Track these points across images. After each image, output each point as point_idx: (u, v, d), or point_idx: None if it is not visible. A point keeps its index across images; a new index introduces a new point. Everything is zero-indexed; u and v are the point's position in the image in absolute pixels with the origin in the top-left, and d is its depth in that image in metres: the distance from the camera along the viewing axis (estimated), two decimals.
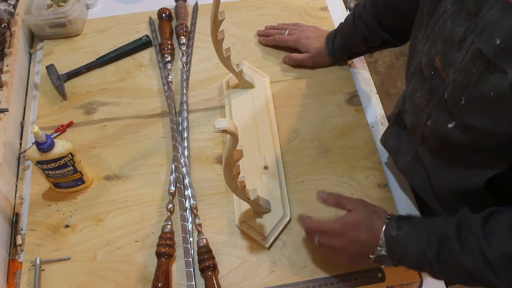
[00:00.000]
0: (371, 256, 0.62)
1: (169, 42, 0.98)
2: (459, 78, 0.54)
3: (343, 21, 0.90)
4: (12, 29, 0.94)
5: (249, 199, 0.70)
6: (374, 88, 0.95)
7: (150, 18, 1.05)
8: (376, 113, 0.91)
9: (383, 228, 0.61)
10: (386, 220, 0.61)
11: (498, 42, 0.47)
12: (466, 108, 0.54)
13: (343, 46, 0.91)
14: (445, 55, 0.56)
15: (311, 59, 0.94)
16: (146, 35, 1.00)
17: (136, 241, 0.75)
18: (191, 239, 0.75)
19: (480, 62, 0.50)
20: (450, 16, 0.55)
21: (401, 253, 0.60)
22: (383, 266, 0.63)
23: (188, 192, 0.79)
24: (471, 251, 0.53)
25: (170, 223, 0.75)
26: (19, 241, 0.76)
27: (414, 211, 0.79)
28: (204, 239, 0.73)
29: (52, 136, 0.77)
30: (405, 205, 0.79)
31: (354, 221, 0.63)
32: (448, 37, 0.55)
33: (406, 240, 0.59)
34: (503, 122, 0.51)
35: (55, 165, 0.73)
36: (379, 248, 0.60)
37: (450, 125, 0.58)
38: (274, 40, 0.98)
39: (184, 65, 0.96)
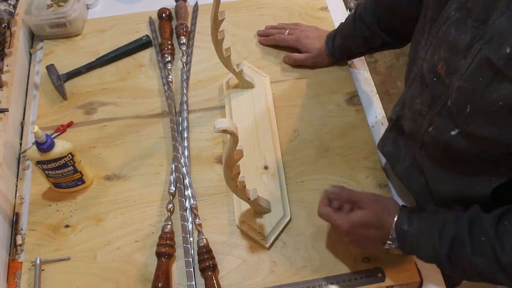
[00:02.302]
0: (382, 246, 0.64)
1: (169, 42, 0.98)
2: (465, 85, 0.53)
3: (343, 21, 0.90)
4: (12, 29, 0.94)
5: (249, 199, 0.70)
6: (374, 88, 0.95)
7: (150, 18, 1.05)
8: (376, 113, 0.91)
9: (394, 222, 0.62)
10: (397, 215, 0.62)
11: (508, 50, 0.47)
12: (472, 116, 0.54)
13: (343, 47, 0.91)
14: (449, 61, 0.55)
15: (311, 59, 0.94)
16: (146, 35, 1.00)
17: (136, 241, 0.75)
18: (191, 239, 0.75)
19: (488, 70, 0.49)
20: (455, 23, 0.54)
21: (412, 248, 0.61)
22: (396, 252, 0.65)
23: (188, 192, 0.79)
24: (483, 253, 0.54)
25: (170, 223, 0.75)
26: (19, 241, 0.76)
27: None
28: (204, 239, 0.73)
29: (52, 136, 0.77)
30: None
31: (363, 220, 0.63)
32: (452, 44, 0.54)
33: (417, 236, 0.60)
34: (511, 131, 0.50)
35: (55, 165, 0.73)
36: (389, 242, 0.62)
37: (453, 133, 0.57)
38: (274, 40, 0.98)
39: (184, 65, 0.96)
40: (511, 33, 0.46)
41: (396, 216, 0.62)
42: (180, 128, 0.88)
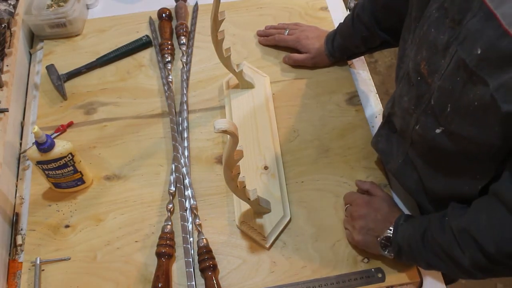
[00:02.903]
0: (378, 239, 0.68)
1: (169, 42, 0.98)
2: (444, 85, 0.54)
3: (342, 21, 0.90)
4: (12, 29, 0.94)
5: (249, 199, 0.70)
6: (374, 88, 0.95)
7: (150, 18, 1.05)
8: (376, 113, 0.91)
9: (396, 218, 0.68)
10: (401, 213, 0.70)
11: (479, 51, 0.47)
12: (452, 116, 0.54)
13: (342, 47, 0.91)
14: (430, 61, 0.56)
15: (311, 59, 0.94)
16: (146, 35, 1.00)
17: (136, 241, 0.75)
18: (191, 239, 0.75)
19: (463, 71, 0.50)
20: (434, 22, 0.54)
21: (401, 238, 0.66)
22: (386, 252, 0.68)
23: (188, 192, 0.79)
24: (445, 230, 0.60)
25: (170, 223, 0.75)
26: (19, 241, 0.76)
27: (414, 211, 0.79)
28: (204, 239, 0.73)
29: (52, 136, 0.77)
30: (405, 205, 0.79)
31: (379, 200, 0.73)
32: (432, 44, 0.55)
33: (406, 227, 0.66)
34: (487, 131, 0.50)
35: (55, 165, 0.73)
36: (388, 230, 0.67)
37: (437, 131, 0.58)
38: (274, 40, 0.98)
39: (184, 65, 0.96)
40: (483, 34, 0.46)
41: (399, 216, 0.69)
42: (180, 128, 0.88)
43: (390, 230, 0.67)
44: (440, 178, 0.64)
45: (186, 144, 0.85)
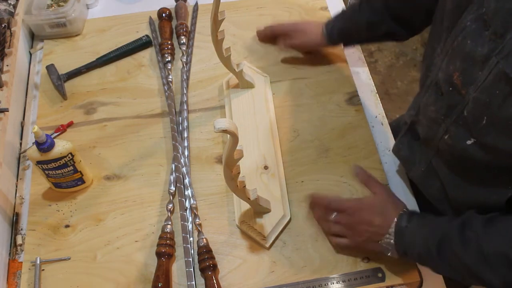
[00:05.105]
0: (379, 242, 0.65)
1: (169, 42, 0.98)
2: (481, 97, 0.53)
3: (348, 6, 0.88)
4: (12, 29, 0.94)
5: (249, 199, 0.70)
6: (374, 88, 0.95)
7: (150, 18, 1.05)
8: (376, 113, 0.91)
9: (396, 217, 0.65)
10: (401, 212, 0.66)
11: None
12: (488, 128, 0.53)
13: (343, 30, 0.87)
14: (465, 72, 0.55)
15: (307, 42, 0.91)
16: (146, 35, 1.00)
17: (136, 241, 0.75)
18: (191, 239, 0.75)
19: (505, 84, 0.49)
20: (471, 34, 0.53)
21: (407, 244, 0.63)
22: (389, 254, 0.66)
23: (188, 192, 0.79)
24: (470, 247, 0.56)
25: (170, 223, 0.75)
26: (19, 241, 0.76)
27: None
28: (204, 239, 0.73)
29: (52, 136, 0.77)
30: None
31: (372, 204, 0.68)
32: (468, 55, 0.54)
33: (413, 232, 0.63)
34: None
35: (55, 165, 0.73)
36: (387, 235, 0.64)
37: (469, 142, 0.57)
38: (271, 28, 0.95)
39: (184, 65, 0.96)
40: None
41: (398, 215, 0.65)
42: (180, 128, 0.88)
43: (391, 235, 0.64)
44: (467, 187, 0.63)
45: (186, 144, 0.85)
